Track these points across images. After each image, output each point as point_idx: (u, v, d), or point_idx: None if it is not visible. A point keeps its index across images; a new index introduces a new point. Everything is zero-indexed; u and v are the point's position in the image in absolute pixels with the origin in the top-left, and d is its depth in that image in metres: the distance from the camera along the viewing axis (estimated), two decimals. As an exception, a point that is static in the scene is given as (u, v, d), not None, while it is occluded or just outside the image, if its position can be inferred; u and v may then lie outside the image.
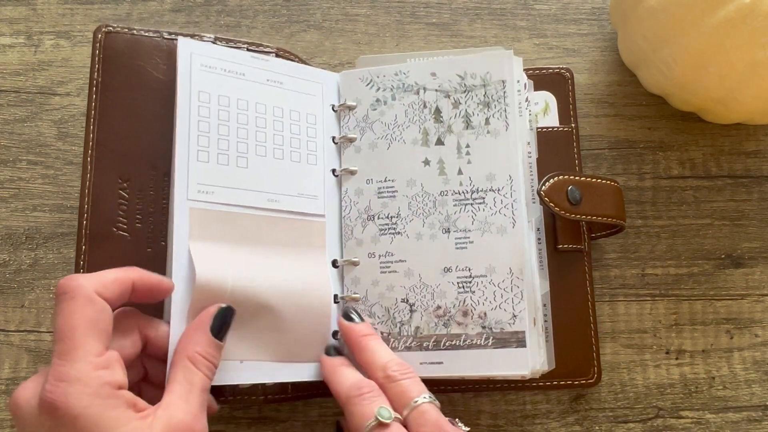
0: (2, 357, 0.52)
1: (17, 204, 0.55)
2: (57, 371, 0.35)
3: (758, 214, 0.56)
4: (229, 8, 0.59)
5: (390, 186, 0.49)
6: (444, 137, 0.49)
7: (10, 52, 0.58)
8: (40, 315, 0.53)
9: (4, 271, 0.53)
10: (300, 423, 0.51)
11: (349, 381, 0.43)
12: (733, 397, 0.53)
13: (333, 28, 0.59)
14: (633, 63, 0.55)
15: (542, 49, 0.59)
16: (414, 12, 0.60)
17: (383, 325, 0.48)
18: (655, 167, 0.56)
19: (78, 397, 0.35)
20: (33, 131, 0.56)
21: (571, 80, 0.55)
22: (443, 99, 0.49)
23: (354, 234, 0.49)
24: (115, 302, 0.38)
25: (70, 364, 0.35)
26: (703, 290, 0.55)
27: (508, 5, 0.60)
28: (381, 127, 0.50)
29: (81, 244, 0.44)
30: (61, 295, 0.37)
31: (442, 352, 0.47)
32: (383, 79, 0.50)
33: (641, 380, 0.53)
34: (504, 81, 0.48)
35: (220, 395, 0.46)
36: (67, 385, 0.35)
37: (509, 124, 0.48)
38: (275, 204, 0.47)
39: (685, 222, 0.56)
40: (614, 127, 0.57)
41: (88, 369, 0.35)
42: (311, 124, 0.49)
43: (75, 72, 0.57)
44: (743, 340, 0.54)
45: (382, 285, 0.48)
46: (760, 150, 0.57)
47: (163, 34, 0.48)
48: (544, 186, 0.48)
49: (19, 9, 0.59)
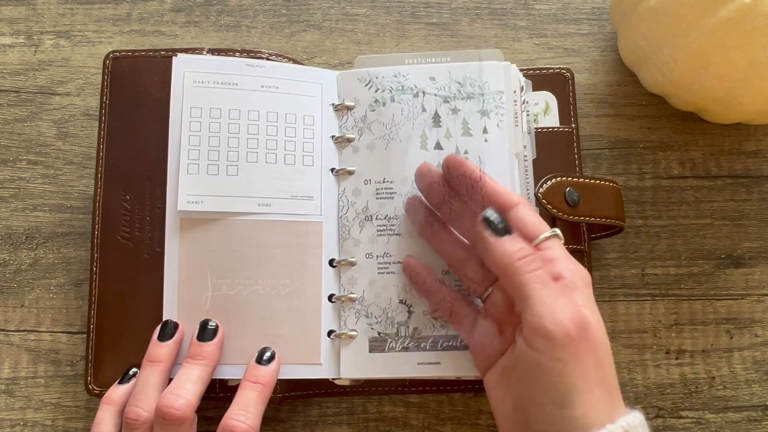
0: (2, 357, 0.52)
1: (17, 204, 0.55)
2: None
3: (758, 214, 0.56)
4: (229, 8, 0.59)
5: (388, 187, 0.49)
6: (443, 142, 0.49)
7: (10, 52, 0.58)
8: (40, 315, 0.53)
9: (4, 271, 0.54)
10: (300, 423, 0.52)
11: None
12: (733, 397, 0.53)
13: (333, 28, 0.59)
14: (633, 63, 0.55)
15: (542, 49, 0.59)
16: (414, 12, 0.60)
17: (380, 326, 0.48)
18: (655, 167, 0.56)
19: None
20: (33, 131, 0.56)
21: (571, 80, 0.55)
22: (442, 104, 0.49)
23: (351, 234, 0.49)
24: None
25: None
26: (703, 290, 0.54)
27: (508, 5, 0.60)
28: (379, 128, 0.50)
29: (93, 252, 0.49)
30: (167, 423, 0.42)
31: (440, 352, 0.47)
32: (382, 80, 0.50)
33: (641, 380, 0.53)
34: (502, 92, 0.49)
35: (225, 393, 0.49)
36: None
37: (506, 134, 0.48)
38: (267, 208, 0.48)
39: (685, 222, 0.55)
40: (614, 127, 0.57)
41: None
42: (308, 125, 0.50)
43: (75, 72, 0.57)
44: (743, 340, 0.54)
45: (379, 285, 0.48)
46: (760, 150, 0.57)
47: (161, 53, 0.51)
48: (542, 188, 0.48)
49: (19, 9, 0.59)
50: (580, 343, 0.38)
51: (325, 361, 0.47)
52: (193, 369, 0.44)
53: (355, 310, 0.48)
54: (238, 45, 0.58)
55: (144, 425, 0.43)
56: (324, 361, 0.47)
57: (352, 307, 0.48)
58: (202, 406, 0.45)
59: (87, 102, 0.57)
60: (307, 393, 0.50)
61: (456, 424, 0.51)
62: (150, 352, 0.46)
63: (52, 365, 0.52)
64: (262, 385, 0.45)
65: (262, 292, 0.47)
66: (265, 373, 0.45)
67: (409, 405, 0.52)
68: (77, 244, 0.54)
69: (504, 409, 0.42)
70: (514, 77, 0.50)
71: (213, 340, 0.46)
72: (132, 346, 0.47)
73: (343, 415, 0.52)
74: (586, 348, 0.38)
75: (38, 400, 0.51)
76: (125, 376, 0.47)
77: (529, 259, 0.40)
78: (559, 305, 0.38)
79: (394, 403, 0.52)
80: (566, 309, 0.38)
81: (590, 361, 0.38)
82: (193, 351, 0.45)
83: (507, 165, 0.48)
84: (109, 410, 0.45)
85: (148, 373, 0.45)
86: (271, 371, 0.45)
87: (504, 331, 0.43)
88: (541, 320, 0.38)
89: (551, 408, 0.37)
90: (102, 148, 0.50)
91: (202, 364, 0.45)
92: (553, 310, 0.38)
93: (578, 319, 0.38)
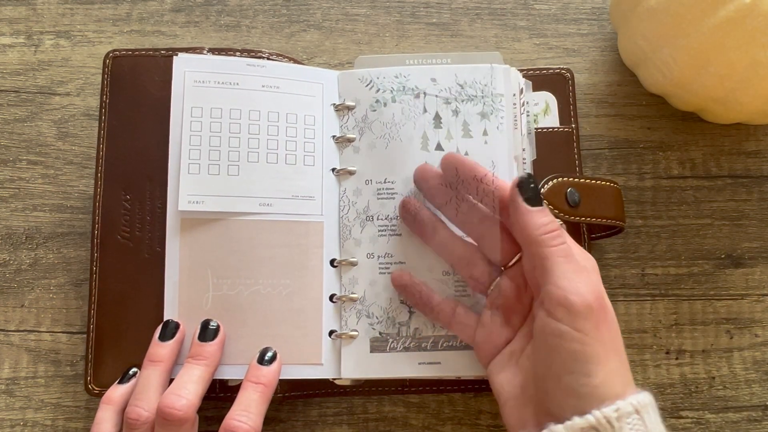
0: (2, 357, 0.52)
1: (17, 204, 0.55)
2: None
3: (758, 214, 0.56)
4: (229, 8, 0.59)
5: (389, 187, 0.49)
6: (443, 143, 0.49)
7: (10, 52, 0.58)
8: (40, 315, 0.53)
9: (4, 271, 0.53)
10: (300, 423, 0.51)
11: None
12: (733, 397, 0.53)
13: (333, 28, 0.59)
14: (633, 63, 0.55)
15: (542, 49, 0.59)
16: (414, 12, 0.60)
17: (381, 326, 0.48)
18: (655, 167, 0.56)
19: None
20: (33, 131, 0.56)
21: (571, 80, 0.55)
22: (443, 105, 0.49)
23: (352, 234, 0.49)
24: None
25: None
26: (703, 290, 0.54)
27: (508, 5, 0.60)
28: (380, 128, 0.50)
29: (93, 252, 0.49)
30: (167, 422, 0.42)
31: (440, 352, 0.47)
32: (383, 81, 0.50)
33: (641, 380, 0.53)
34: (501, 95, 0.49)
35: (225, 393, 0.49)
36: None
37: (505, 136, 0.48)
38: (268, 208, 0.48)
39: (685, 222, 0.56)
40: (614, 127, 0.57)
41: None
42: (309, 125, 0.50)
43: (75, 72, 0.57)
44: (743, 340, 0.54)
45: (380, 285, 0.48)
46: (760, 150, 0.57)
47: (161, 52, 0.51)
48: (543, 189, 0.48)
49: (19, 9, 0.59)
50: (599, 315, 0.39)
51: (327, 361, 0.47)
52: (194, 369, 0.44)
53: (356, 310, 0.48)
54: (238, 45, 0.58)
55: (145, 425, 0.43)
56: (325, 361, 0.47)
57: (353, 307, 0.48)
58: (202, 406, 0.45)
59: (87, 102, 0.57)
60: (307, 393, 0.50)
61: (456, 424, 0.51)
62: (151, 352, 0.45)
63: (52, 365, 0.52)
64: (264, 386, 0.45)
65: (263, 292, 0.47)
66: (267, 374, 0.45)
67: (409, 405, 0.52)
68: (77, 244, 0.54)
69: (511, 390, 0.42)
70: (514, 80, 0.50)
71: (214, 340, 0.46)
72: (132, 346, 0.47)
73: (343, 415, 0.52)
74: (605, 321, 0.40)
75: (38, 400, 0.51)
76: (125, 376, 0.46)
77: (555, 234, 0.41)
78: (581, 279, 0.40)
79: (394, 403, 0.52)
80: (587, 283, 0.40)
81: (607, 334, 0.39)
82: (194, 351, 0.45)
83: (507, 167, 0.48)
84: (109, 410, 0.45)
85: (149, 373, 0.45)
86: (273, 371, 0.45)
87: (511, 319, 0.44)
88: (564, 292, 0.39)
89: (570, 378, 0.38)
90: (102, 148, 0.50)
91: (204, 365, 0.45)
92: (575, 284, 0.39)
93: (598, 294, 0.40)
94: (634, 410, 0.37)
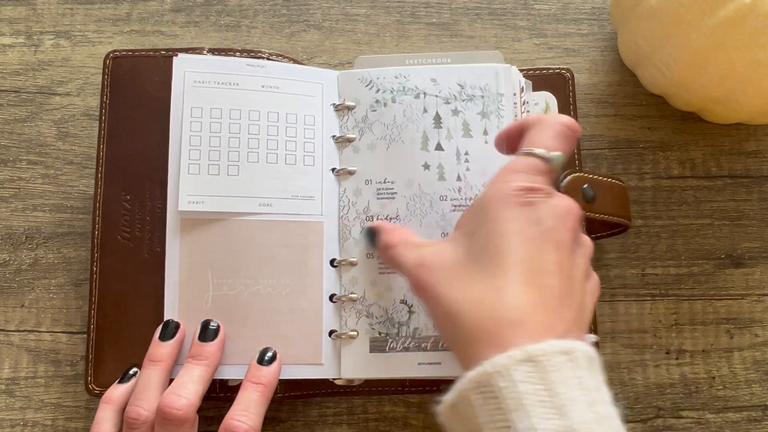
0: (2, 357, 0.52)
1: (17, 204, 0.55)
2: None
3: (758, 214, 0.56)
4: (229, 8, 0.59)
5: (389, 188, 0.49)
6: (443, 143, 0.49)
7: (10, 52, 0.58)
8: (40, 315, 0.53)
9: (4, 271, 0.53)
10: (300, 423, 0.52)
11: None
12: (733, 397, 0.53)
13: (333, 28, 0.59)
14: (633, 63, 0.55)
15: (542, 49, 0.59)
16: (414, 12, 0.60)
17: (381, 326, 0.48)
18: (655, 167, 0.56)
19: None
20: (33, 131, 0.56)
21: (571, 80, 0.54)
22: (443, 105, 0.49)
23: (352, 234, 0.49)
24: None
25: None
26: (703, 290, 0.54)
27: (508, 5, 0.60)
28: (380, 128, 0.50)
29: (94, 252, 0.49)
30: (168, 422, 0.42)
31: (440, 352, 0.47)
32: (383, 81, 0.50)
33: (641, 380, 0.53)
34: (502, 95, 0.49)
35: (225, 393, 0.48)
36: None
37: None
38: (268, 208, 0.48)
39: (685, 222, 0.56)
40: (614, 127, 0.57)
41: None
42: (309, 126, 0.50)
43: (75, 72, 0.57)
44: (743, 340, 0.54)
45: (380, 285, 0.48)
46: (760, 150, 0.57)
47: (161, 52, 0.51)
48: (563, 182, 0.48)
49: (19, 9, 0.59)
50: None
51: (327, 361, 0.47)
52: (194, 369, 0.44)
53: (356, 310, 0.48)
54: (238, 45, 0.58)
55: (145, 425, 0.43)
56: (325, 361, 0.47)
57: (353, 307, 0.48)
58: (202, 406, 0.45)
59: (87, 102, 0.57)
60: (307, 393, 0.50)
61: (456, 424, 0.51)
62: (151, 352, 0.46)
63: (52, 365, 0.52)
64: (264, 386, 0.45)
65: (263, 293, 0.47)
66: (267, 374, 0.45)
67: (409, 405, 0.52)
68: (77, 244, 0.54)
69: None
70: (515, 79, 0.50)
71: (214, 340, 0.46)
72: (132, 346, 0.47)
73: (343, 415, 0.52)
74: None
75: (38, 400, 0.51)
76: (125, 375, 0.47)
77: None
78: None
79: (394, 403, 0.52)
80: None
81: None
82: (194, 351, 0.45)
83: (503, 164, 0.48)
84: (109, 409, 0.45)
85: (150, 373, 0.45)
86: (273, 372, 0.45)
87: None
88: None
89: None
90: (102, 148, 0.50)
91: (204, 365, 0.45)
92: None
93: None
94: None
